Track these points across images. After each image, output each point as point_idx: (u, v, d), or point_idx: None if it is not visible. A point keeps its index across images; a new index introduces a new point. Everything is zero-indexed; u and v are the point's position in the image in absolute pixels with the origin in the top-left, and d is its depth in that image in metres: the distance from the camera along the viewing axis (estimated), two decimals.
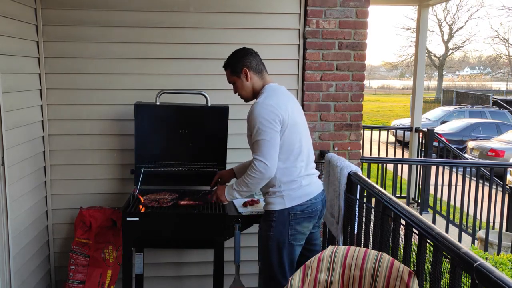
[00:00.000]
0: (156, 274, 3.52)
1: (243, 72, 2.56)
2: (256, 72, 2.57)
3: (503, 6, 44.43)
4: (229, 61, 2.62)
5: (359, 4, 3.37)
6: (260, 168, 2.40)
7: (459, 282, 1.73)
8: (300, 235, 2.56)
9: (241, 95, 2.66)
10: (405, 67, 36.19)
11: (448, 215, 5.29)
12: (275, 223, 2.52)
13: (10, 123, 2.77)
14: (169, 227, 2.78)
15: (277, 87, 2.60)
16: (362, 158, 3.98)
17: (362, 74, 3.48)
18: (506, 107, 18.43)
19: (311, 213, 2.57)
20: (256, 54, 2.62)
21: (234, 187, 2.56)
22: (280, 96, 2.53)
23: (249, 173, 2.45)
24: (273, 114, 2.41)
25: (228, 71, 2.62)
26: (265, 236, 2.58)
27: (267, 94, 2.51)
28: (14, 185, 2.83)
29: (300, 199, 2.53)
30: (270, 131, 2.40)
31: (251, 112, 2.46)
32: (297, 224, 2.53)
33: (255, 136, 2.42)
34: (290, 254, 2.55)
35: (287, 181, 2.51)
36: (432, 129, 7.02)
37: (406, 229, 2.17)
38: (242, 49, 2.62)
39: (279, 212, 2.52)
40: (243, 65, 2.55)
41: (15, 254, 2.83)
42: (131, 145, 3.19)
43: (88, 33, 3.24)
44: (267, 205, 2.57)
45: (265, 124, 2.39)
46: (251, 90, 2.60)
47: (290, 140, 2.48)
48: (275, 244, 2.53)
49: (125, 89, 3.33)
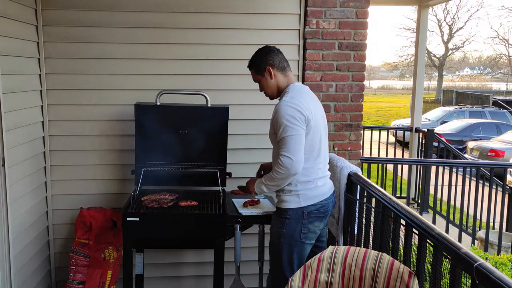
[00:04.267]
0: (156, 275, 3.52)
1: (267, 71, 2.60)
2: (280, 69, 2.61)
3: (503, 6, 44.38)
4: (252, 60, 2.66)
5: (359, 5, 3.37)
6: (286, 164, 2.44)
7: (459, 282, 1.73)
8: (311, 233, 2.61)
9: (266, 93, 2.71)
10: (405, 67, 36.19)
11: (448, 215, 5.29)
12: (288, 221, 2.57)
13: (11, 124, 2.77)
14: (169, 227, 2.78)
15: (302, 87, 2.64)
16: (362, 158, 3.98)
17: (362, 74, 3.48)
18: (506, 107, 18.41)
19: (324, 213, 2.63)
20: (278, 51, 2.65)
21: (263, 181, 2.62)
22: (305, 96, 2.56)
23: (275, 169, 2.50)
24: (299, 113, 2.45)
25: (252, 70, 2.67)
26: (277, 233, 2.62)
27: (292, 93, 2.55)
28: (15, 185, 2.83)
29: (315, 199, 2.58)
30: (296, 128, 2.44)
31: (277, 110, 2.49)
32: (310, 223, 2.58)
33: (281, 133, 2.46)
34: (300, 252, 2.60)
35: (304, 181, 2.56)
36: (432, 129, 7.02)
37: (406, 229, 2.18)
38: (265, 48, 2.66)
39: (294, 210, 2.57)
40: (267, 63, 2.59)
41: (15, 254, 2.83)
42: (131, 145, 3.20)
43: (88, 33, 3.25)
44: (282, 202, 2.61)
45: (291, 121, 2.43)
46: (275, 87, 2.64)
47: (311, 141, 2.53)
48: (287, 242, 2.58)
49: (125, 89, 3.33)
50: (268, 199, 3.20)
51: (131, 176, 3.19)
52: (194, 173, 3.17)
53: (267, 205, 3.06)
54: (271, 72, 2.59)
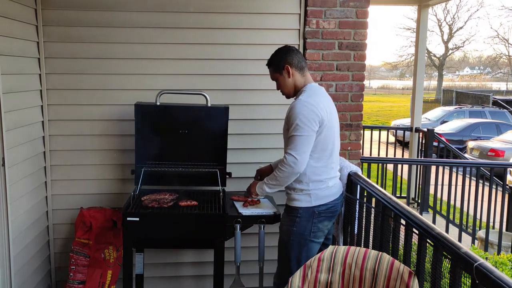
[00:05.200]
0: (156, 274, 3.52)
1: (285, 69, 2.63)
2: (298, 69, 2.64)
3: (503, 6, 44.45)
4: (271, 59, 2.70)
5: (359, 4, 3.37)
6: (290, 162, 2.47)
7: (459, 282, 1.73)
8: (320, 232, 2.65)
9: (282, 92, 2.74)
10: (405, 67, 36.17)
11: (448, 215, 5.29)
12: (299, 219, 2.60)
13: (11, 124, 2.77)
14: (169, 227, 2.78)
15: (318, 88, 2.67)
16: (362, 158, 3.98)
17: (362, 74, 3.48)
18: (506, 107, 18.42)
19: (333, 213, 2.68)
20: (297, 51, 2.68)
21: (265, 181, 2.65)
22: (321, 97, 2.60)
23: (279, 167, 2.53)
24: (313, 113, 2.48)
25: (270, 69, 2.71)
26: (287, 231, 2.65)
27: (308, 93, 2.58)
28: (15, 185, 2.83)
29: (325, 199, 2.62)
30: (307, 129, 2.47)
31: (292, 108, 2.52)
32: (319, 222, 2.62)
33: (291, 131, 2.50)
34: (308, 250, 2.63)
35: (316, 180, 2.59)
36: (432, 129, 7.02)
37: (406, 229, 2.18)
38: (284, 47, 2.69)
39: (305, 209, 2.60)
40: (285, 62, 2.62)
41: (15, 254, 2.83)
42: (131, 145, 3.19)
43: (88, 33, 3.25)
44: (292, 201, 2.64)
45: (304, 121, 2.46)
46: (292, 86, 2.67)
47: (325, 141, 2.56)
48: (296, 240, 2.61)
49: (125, 89, 3.33)
50: (268, 199, 3.20)
51: (131, 176, 3.19)
52: (194, 173, 3.16)
53: (267, 205, 3.06)
54: (289, 71, 2.62)
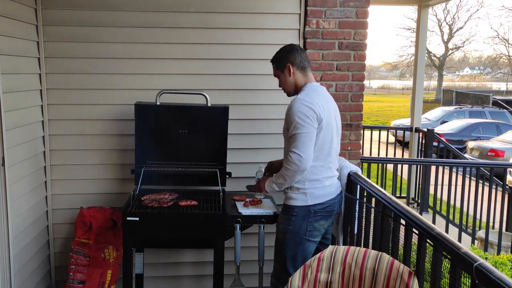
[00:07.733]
0: (156, 274, 3.53)
1: (287, 68, 2.66)
2: (300, 68, 2.67)
3: (503, 6, 44.47)
4: (275, 56, 2.73)
5: (359, 4, 3.37)
6: (295, 160, 2.49)
7: (459, 282, 1.73)
8: (316, 231, 2.66)
9: (283, 89, 2.77)
10: (405, 67, 36.16)
11: (448, 215, 5.29)
12: (294, 218, 2.61)
13: (11, 123, 2.77)
14: (169, 227, 2.79)
15: (319, 87, 2.69)
16: (362, 158, 3.98)
17: (362, 74, 3.48)
18: (506, 107, 18.42)
19: (330, 212, 2.68)
20: (301, 50, 2.71)
21: (273, 179, 2.67)
22: (320, 96, 2.61)
23: (285, 165, 2.55)
24: (311, 111, 2.50)
25: (273, 65, 2.74)
26: (282, 229, 2.67)
27: (307, 91, 2.61)
28: (14, 185, 2.83)
29: (321, 198, 2.63)
30: (307, 126, 2.49)
31: (290, 107, 2.55)
32: (315, 221, 2.63)
33: (292, 130, 2.51)
34: (304, 249, 2.64)
35: (312, 180, 2.60)
36: (432, 129, 7.02)
37: (406, 229, 2.18)
38: (289, 45, 2.72)
39: (300, 208, 2.61)
40: (287, 60, 2.65)
41: (15, 254, 2.83)
42: (131, 145, 3.19)
43: (88, 33, 3.25)
44: (289, 199, 2.65)
45: (303, 118, 2.48)
46: (293, 85, 2.69)
47: (322, 140, 2.58)
48: (292, 238, 2.62)
49: (125, 89, 3.33)
50: (269, 198, 3.20)
51: (131, 176, 3.19)
52: (194, 173, 3.17)
53: (268, 205, 3.06)
54: (290, 70, 2.65)
